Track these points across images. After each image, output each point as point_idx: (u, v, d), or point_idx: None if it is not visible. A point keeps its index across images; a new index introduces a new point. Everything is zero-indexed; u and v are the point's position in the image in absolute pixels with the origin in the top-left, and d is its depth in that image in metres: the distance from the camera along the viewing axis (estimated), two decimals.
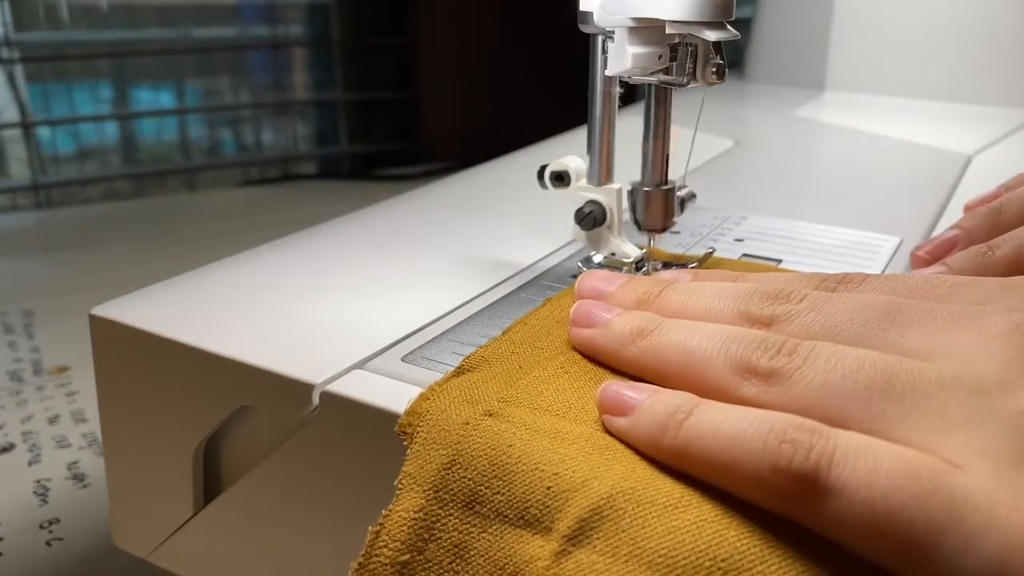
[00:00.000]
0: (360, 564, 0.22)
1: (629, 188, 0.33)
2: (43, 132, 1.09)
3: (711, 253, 0.36)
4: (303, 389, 0.27)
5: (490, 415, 0.24)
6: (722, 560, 0.19)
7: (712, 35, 0.28)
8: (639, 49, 0.28)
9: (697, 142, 0.34)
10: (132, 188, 1.16)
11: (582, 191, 0.34)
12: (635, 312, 0.26)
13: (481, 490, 0.22)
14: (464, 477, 0.22)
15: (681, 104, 0.32)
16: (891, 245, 0.38)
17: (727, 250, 0.37)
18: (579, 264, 0.35)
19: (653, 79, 0.30)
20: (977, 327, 0.21)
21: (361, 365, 0.28)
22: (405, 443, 0.24)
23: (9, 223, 1.04)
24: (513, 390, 0.25)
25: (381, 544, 0.22)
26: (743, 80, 0.90)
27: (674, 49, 0.29)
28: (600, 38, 0.31)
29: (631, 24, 0.28)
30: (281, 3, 1.22)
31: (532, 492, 0.21)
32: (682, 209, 0.33)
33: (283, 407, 0.27)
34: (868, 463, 0.18)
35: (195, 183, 1.20)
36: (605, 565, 0.20)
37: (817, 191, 0.50)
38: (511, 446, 0.22)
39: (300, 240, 0.40)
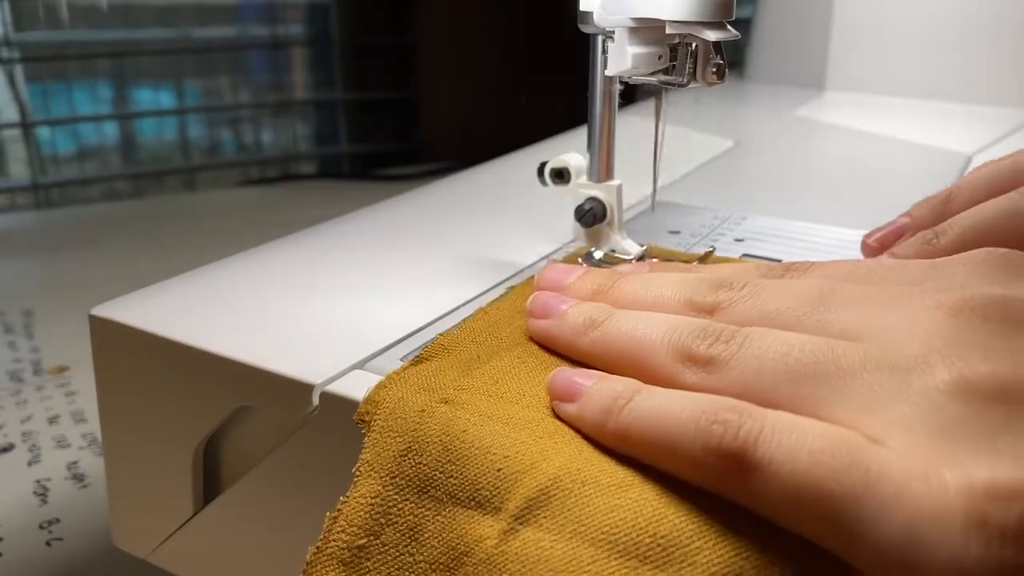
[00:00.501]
0: (318, 548, 0.23)
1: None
2: (43, 132, 1.09)
3: (712, 251, 0.36)
4: (303, 389, 0.27)
5: (446, 402, 0.24)
6: (661, 537, 0.19)
7: (712, 35, 0.28)
8: (639, 49, 0.28)
9: (697, 142, 0.34)
10: (132, 188, 1.16)
11: (582, 188, 0.34)
12: (589, 303, 0.27)
13: (435, 475, 0.23)
14: (419, 463, 0.23)
15: (681, 103, 0.32)
16: None
17: (727, 250, 0.37)
18: (579, 260, 0.35)
19: (653, 79, 0.30)
20: (902, 307, 0.21)
21: (361, 365, 0.28)
22: (363, 431, 0.24)
23: (9, 223, 1.04)
24: (470, 379, 0.25)
25: (339, 529, 0.23)
26: (743, 80, 0.90)
27: (674, 49, 0.29)
28: (600, 38, 0.31)
29: (631, 24, 0.28)
30: (281, 3, 1.22)
31: (483, 475, 0.22)
32: None
33: (283, 407, 0.27)
34: (792, 440, 0.18)
35: (195, 183, 1.20)
36: (550, 542, 0.20)
37: (817, 191, 0.50)
38: (464, 432, 0.23)
39: (300, 240, 0.40)
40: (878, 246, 0.34)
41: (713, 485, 0.20)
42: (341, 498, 0.23)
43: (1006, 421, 0.18)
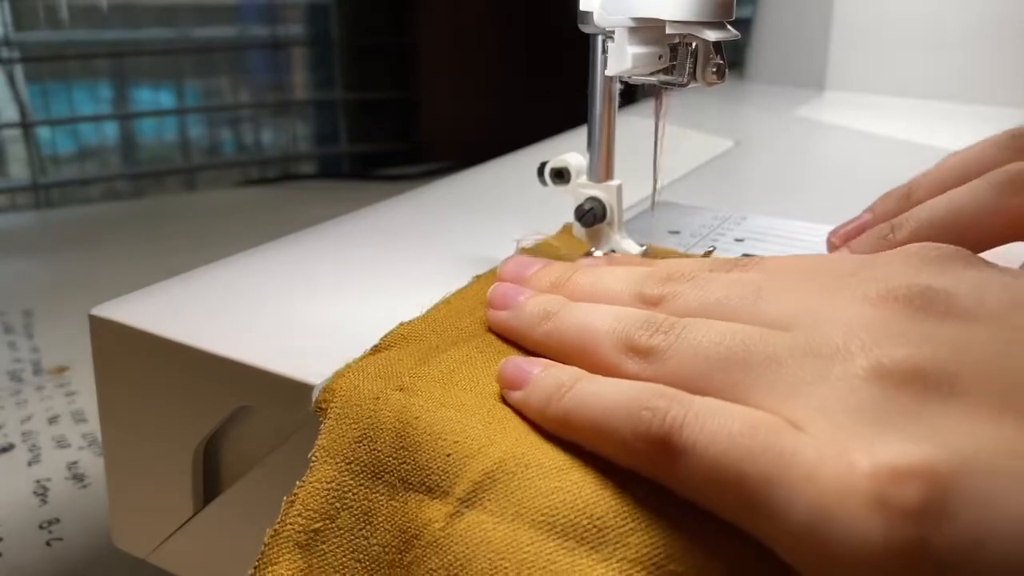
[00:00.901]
0: (275, 531, 0.24)
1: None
2: (43, 132, 1.09)
3: (712, 251, 0.35)
4: (303, 389, 0.27)
5: (400, 390, 0.25)
6: (597, 518, 0.20)
7: (712, 35, 0.28)
8: (639, 49, 0.28)
9: (697, 142, 0.34)
10: (132, 188, 1.16)
11: (582, 188, 0.34)
12: (545, 295, 0.28)
13: (389, 460, 0.24)
14: (374, 449, 0.24)
15: (681, 103, 0.32)
16: None
17: (727, 250, 0.37)
18: (579, 261, 0.35)
19: (653, 79, 0.30)
20: (832, 297, 0.22)
21: None
22: (320, 419, 0.25)
23: (9, 223, 1.04)
24: (426, 367, 0.26)
25: (295, 513, 0.24)
26: (743, 80, 0.90)
27: (674, 49, 0.29)
28: (600, 38, 0.31)
29: (631, 24, 0.28)
30: (281, 3, 1.22)
31: (434, 460, 0.23)
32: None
33: (283, 407, 0.27)
34: (715, 423, 0.19)
35: (195, 183, 1.20)
36: (493, 524, 0.21)
37: (817, 191, 0.50)
38: (417, 418, 0.24)
39: (300, 240, 0.40)
40: (840, 242, 0.34)
41: (644, 469, 0.20)
42: (297, 483, 0.24)
43: (918, 404, 0.18)
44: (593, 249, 0.35)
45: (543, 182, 0.35)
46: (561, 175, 0.34)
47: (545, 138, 0.60)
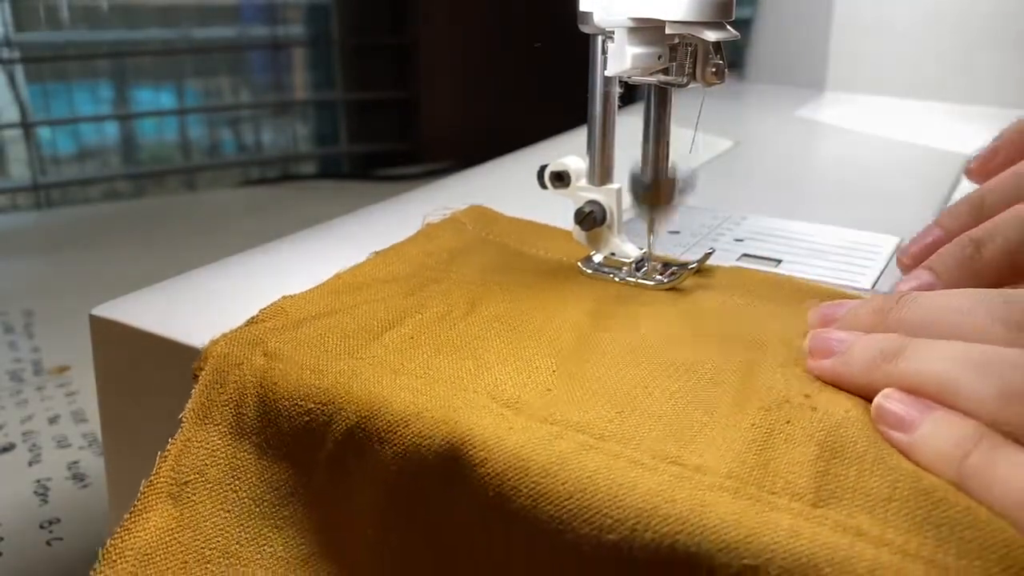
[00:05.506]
0: (150, 483, 0.26)
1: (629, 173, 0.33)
2: (43, 132, 1.09)
3: (711, 253, 0.35)
4: None
5: (266, 355, 0.26)
6: (423, 477, 0.22)
7: (712, 35, 0.28)
8: (639, 49, 0.28)
9: (697, 142, 0.34)
10: (132, 188, 1.16)
11: (582, 191, 0.34)
12: (874, 336, 0.25)
13: (254, 423, 0.26)
14: (239, 412, 0.26)
15: (681, 104, 0.32)
16: (891, 245, 0.38)
17: (727, 250, 0.37)
18: (579, 264, 0.34)
19: (653, 79, 0.30)
20: None
21: None
22: (194, 384, 0.27)
23: (9, 223, 1.04)
24: (296, 333, 0.27)
25: (167, 467, 0.26)
26: (743, 80, 0.90)
27: (674, 49, 0.29)
28: (600, 38, 0.31)
29: (631, 24, 0.28)
30: (281, 3, 1.22)
31: (294, 426, 0.25)
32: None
33: None
34: None
35: (195, 183, 1.20)
36: (357, 484, 0.24)
37: (817, 191, 0.50)
38: (276, 383, 0.25)
39: (300, 240, 0.40)
40: (912, 263, 0.32)
41: None
42: (170, 440, 0.26)
43: None
44: (593, 253, 0.35)
45: (543, 185, 0.35)
46: (561, 178, 0.34)
47: (545, 139, 0.60)
